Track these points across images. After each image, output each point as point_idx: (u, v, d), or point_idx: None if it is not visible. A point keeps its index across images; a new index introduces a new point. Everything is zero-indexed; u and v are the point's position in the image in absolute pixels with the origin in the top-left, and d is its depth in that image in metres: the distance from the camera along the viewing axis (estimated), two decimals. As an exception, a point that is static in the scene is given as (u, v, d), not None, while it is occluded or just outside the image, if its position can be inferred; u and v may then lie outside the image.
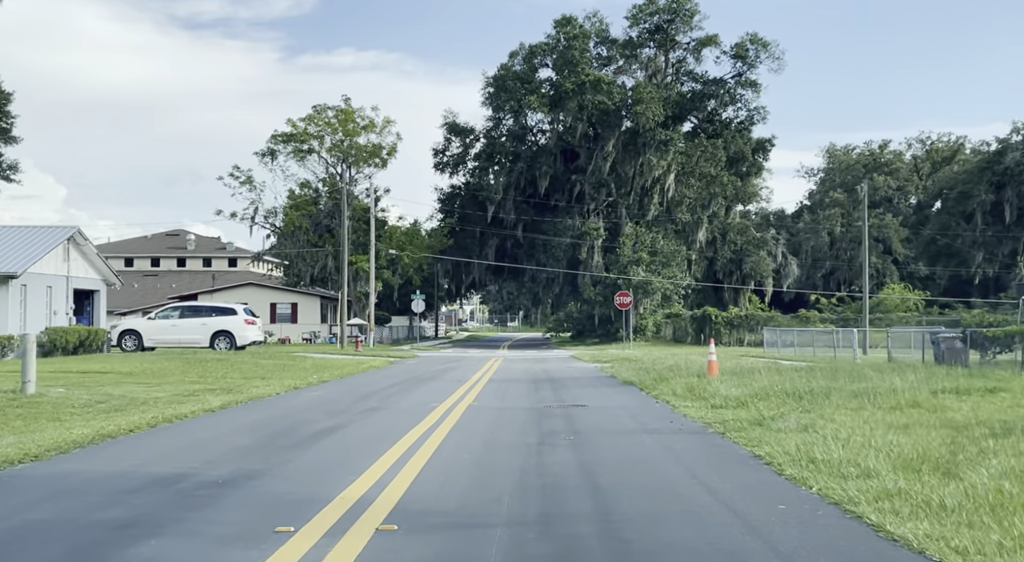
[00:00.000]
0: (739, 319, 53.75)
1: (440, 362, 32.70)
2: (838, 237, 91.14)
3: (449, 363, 31.64)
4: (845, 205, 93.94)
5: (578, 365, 29.80)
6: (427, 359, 35.88)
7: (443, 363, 31.69)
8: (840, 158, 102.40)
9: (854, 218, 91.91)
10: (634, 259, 53.96)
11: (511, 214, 56.39)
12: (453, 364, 30.81)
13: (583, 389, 17.65)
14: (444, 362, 32.71)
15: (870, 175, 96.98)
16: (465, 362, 32.80)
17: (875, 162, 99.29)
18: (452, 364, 30.84)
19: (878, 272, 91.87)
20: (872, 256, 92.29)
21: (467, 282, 61.06)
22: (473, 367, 28.21)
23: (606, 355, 36.10)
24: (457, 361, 33.72)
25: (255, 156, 54.46)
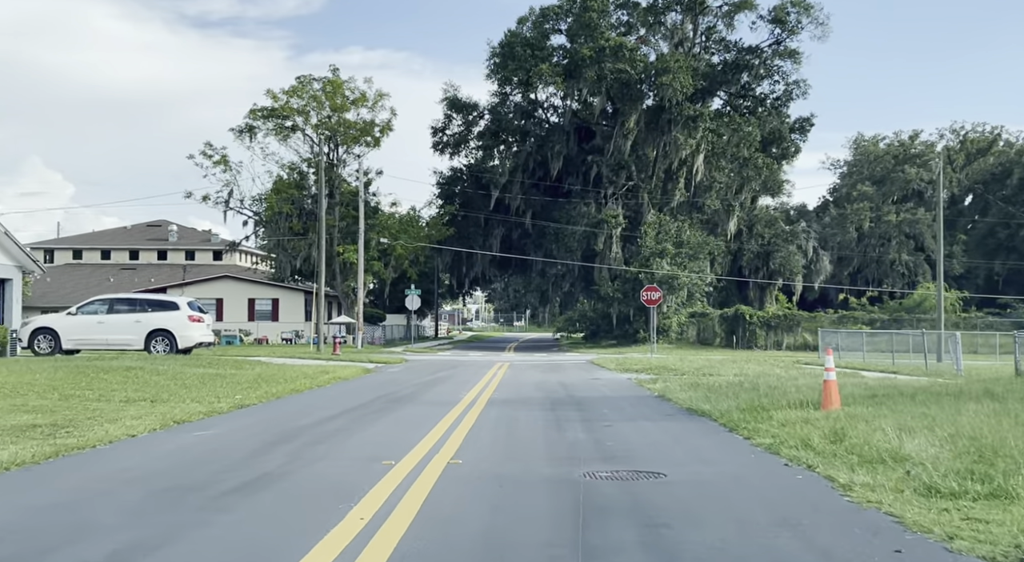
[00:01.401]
0: (776, 319, 47.43)
1: (431, 369, 26.51)
2: (866, 233, 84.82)
3: (441, 371, 25.44)
4: (874, 198, 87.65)
5: (604, 375, 23.56)
6: (416, 365, 29.68)
7: (434, 371, 25.49)
8: (868, 149, 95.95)
9: (883, 212, 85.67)
10: (657, 251, 47.69)
11: (518, 200, 50.20)
12: (446, 373, 24.61)
13: (632, 424, 11.39)
14: (436, 369, 26.51)
15: (900, 167, 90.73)
16: (461, 370, 26.60)
17: (905, 153, 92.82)
18: (445, 373, 24.64)
19: (909, 270, 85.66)
20: (903, 253, 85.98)
21: (469, 276, 54.93)
22: (470, 378, 22.02)
23: (632, 361, 29.84)
24: (452, 368, 27.51)
25: (231, 133, 48.36)
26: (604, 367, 27.74)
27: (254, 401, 13.79)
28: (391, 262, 49.65)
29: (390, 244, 47.91)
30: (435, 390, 17.84)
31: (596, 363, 30.74)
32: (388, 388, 18.17)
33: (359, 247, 45.59)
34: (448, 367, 28.34)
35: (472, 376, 22.78)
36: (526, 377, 22.78)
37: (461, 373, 24.53)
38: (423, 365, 29.76)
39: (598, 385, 19.46)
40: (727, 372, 23.40)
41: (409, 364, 30.32)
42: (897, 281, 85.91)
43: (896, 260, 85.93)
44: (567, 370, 26.84)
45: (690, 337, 52.54)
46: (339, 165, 49.63)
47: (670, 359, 31.83)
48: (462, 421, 11.47)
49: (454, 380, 21.18)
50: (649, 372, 23.94)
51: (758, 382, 16.21)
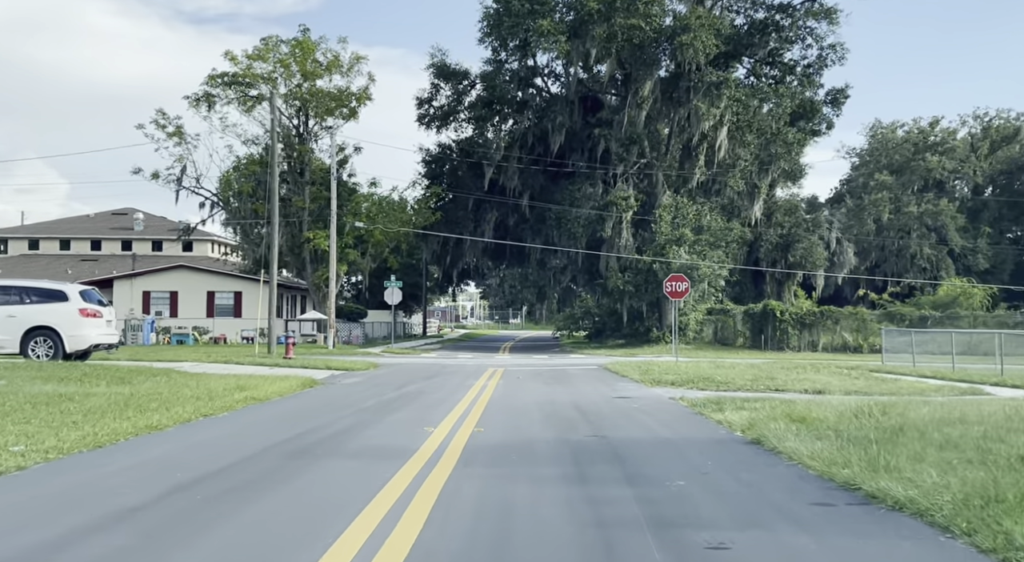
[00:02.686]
0: (811, 316, 41.31)
1: (402, 379, 20.34)
2: (886, 225, 78.84)
3: (414, 383, 19.27)
4: (893, 188, 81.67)
5: (632, 390, 17.36)
6: (387, 372, 23.50)
7: (404, 382, 19.30)
8: (887, 136, 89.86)
9: (903, 203, 79.74)
10: (674, 238, 41.55)
11: (515, 180, 44.00)
12: (419, 386, 18.43)
13: (771, 544, 5.12)
14: (408, 379, 20.34)
15: (921, 155, 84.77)
16: (442, 380, 20.45)
17: (924, 141, 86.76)
18: (417, 385, 18.47)
19: (932, 264, 79.77)
20: (925, 246, 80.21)
21: (458, 267, 48.77)
22: (448, 395, 15.86)
23: (657, 368, 23.69)
24: (430, 377, 21.33)
25: (185, 101, 42.04)
26: (625, 376, 21.55)
27: (31, 461, 7.55)
28: (369, 250, 43.41)
29: (367, 229, 41.66)
30: (387, 422, 11.66)
31: (612, 370, 24.55)
32: (315, 420, 11.96)
33: (331, 232, 39.33)
34: (426, 375, 22.16)
35: (452, 392, 16.61)
36: (525, 394, 16.61)
37: (439, 386, 18.36)
38: (395, 372, 23.56)
39: (633, 411, 13.27)
40: (798, 386, 17.24)
41: (378, 371, 24.12)
42: (919, 276, 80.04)
43: (917, 254, 79.88)
44: (578, 381, 20.66)
45: (706, 337, 46.44)
46: (310, 139, 43.38)
47: (703, 365, 25.65)
48: (393, 533, 5.26)
49: (424, 400, 15.00)
50: (690, 386, 17.78)
51: (903, 416, 9.99)
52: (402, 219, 44.72)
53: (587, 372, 24.73)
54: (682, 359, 32.08)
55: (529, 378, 21.74)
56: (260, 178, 42.93)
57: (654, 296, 42.59)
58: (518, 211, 45.63)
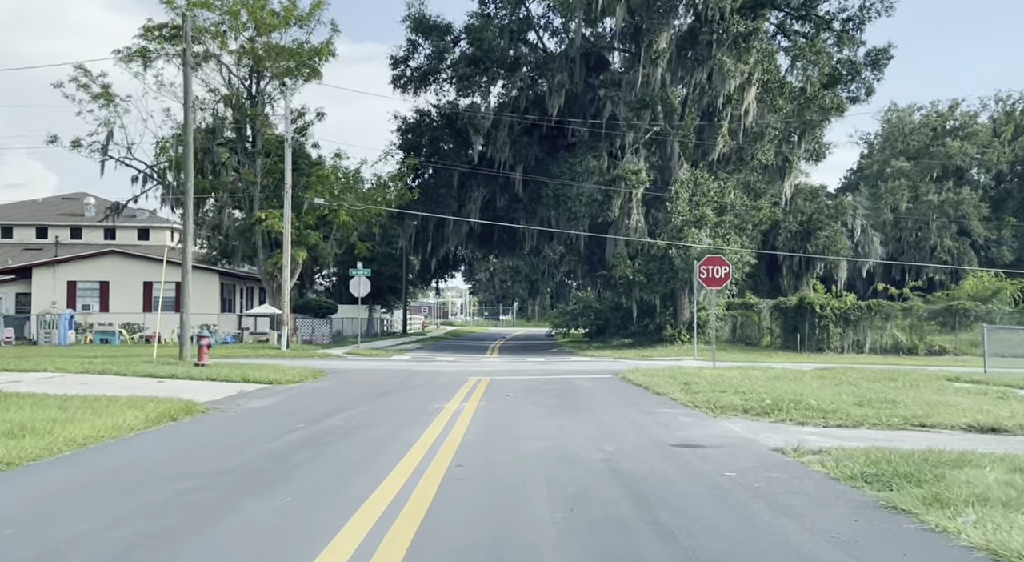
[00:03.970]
0: (857, 311, 34.93)
1: (339, 402, 13.82)
2: (903, 214, 72.71)
3: (352, 409, 12.78)
4: (911, 176, 75.50)
5: (694, 426, 10.74)
6: (327, 388, 16.98)
7: (337, 409, 12.80)
8: (903, 119, 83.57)
9: (921, 191, 73.62)
10: (693, 219, 35.12)
11: (505, 152, 37.44)
12: (353, 416, 11.93)
13: None
14: (348, 402, 13.82)
15: (940, 141, 78.61)
16: (398, 400, 14.01)
17: (943, 126, 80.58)
18: (353, 415, 11.98)
19: (952, 257, 73.64)
20: (945, 237, 74.23)
21: (440, 254, 42.20)
22: (395, 433, 9.43)
23: (703, 381, 17.25)
24: (384, 396, 14.83)
25: (114, 56, 35.30)
26: (661, 394, 15.08)
27: None
28: (334, 233, 36.79)
29: (330, 207, 35.02)
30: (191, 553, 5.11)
31: (633, 381, 18.05)
32: (88, 520, 5.37)
33: (285, 210, 32.75)
34: (380, 392, 15.66)
35: (400, 429, 10.12)
36: (520, 433, 10.11)
37: (387, 415, 11.89)
38: (339, 387, 17.06)
39: (733, 489, 6.76)
40: (946, 416, 10.80)
41: (317, 385, 17.62)
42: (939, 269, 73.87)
43: (937, 245, 73.65)
44: (596, 402, 14.16)
45: (723, 334, 40.07)
46: (263, 102, 36.73)
47: (754, 375, 19.18)
48: None
49: (341, 453, 8.51)
50: (779, 416, 11.32)
51: None
52: (373, 197, 38.14)
53: (601, 384, 18.25)
54: (707, 362, 25.63)
55: (524, 395, 15.27)
56: (206, 146, 36.29)
57: (669, 287, 36.17)
58: (509, 189, 39.12)
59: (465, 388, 16.98)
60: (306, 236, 35.01)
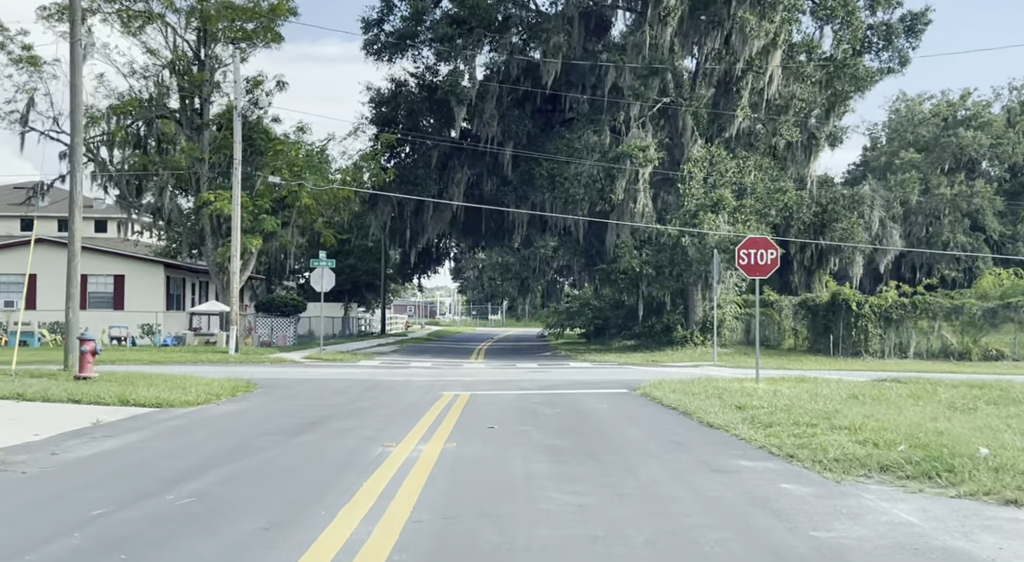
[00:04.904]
0: (900, 309, 30.27)
1: (223, 444, 8.99)
2: (913, 209, 68.31)
3: (241, 460, 7.92)
4: (921, 168, 71.19)
5: (834, 518, 5.96)
6: (234, 414, 12.19)
7: (194, 467, 7.91)
8: (913, 109, 79.20)
9: (933, 184, 69.30)
10: (709, 202, 30.43)
11: (493, 127, 32.61)
12: (218, 479, 7.03)
13: None
14: (236, 445, 8.97)
15: (952, 131, 74.34)
16: (324, 439, 9.22)
17: (954, 115, 76.31)
18: (224, 475, 7.09)
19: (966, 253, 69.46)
20: (958, 232, 69.98)
21: (420, 245, 37.25)
22: (263, 538, 4.52)
23: (766, 404, 12.50)
24: (314, 428, 10.00)
25: (38, 13, 30.23)
26: (722, 429, 10.31)
27: None
28: (295, 219, 31.86)
29: (289, 188, 30.07)
30: None
31: (661, 400, 13.24)
32: None
33: (234, 190, 27.87)
34: (308, 423, 10.82)
35: (292, 516, 5.23)
36: (515, 535, 5.26)
37: (293, 469, 7.09)
38: (263, 410, 12.29)
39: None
40: None
41: (237, 405, 12.91)
42: (951, 265, 69.57)
43: (950, 241, 69.30)
44: (631, 448, 9.33)
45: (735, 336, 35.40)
46: (214, 68, 31.74)
47: (827, 394, 14.47)
48: None
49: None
50: (952, 482, 6.55)
51: None
52: (342, 179, 33.23)
53: (619, 405, 13.47)
54: (737, 371, 20.95)
55: (514, 427, 10.46)
56: (148, 117, 31.36)
57: (681, 282, 31.43)
58: (497, 171, 34.27)
59: (433, 411, 12.21)
60: (261, 221, 30.11)
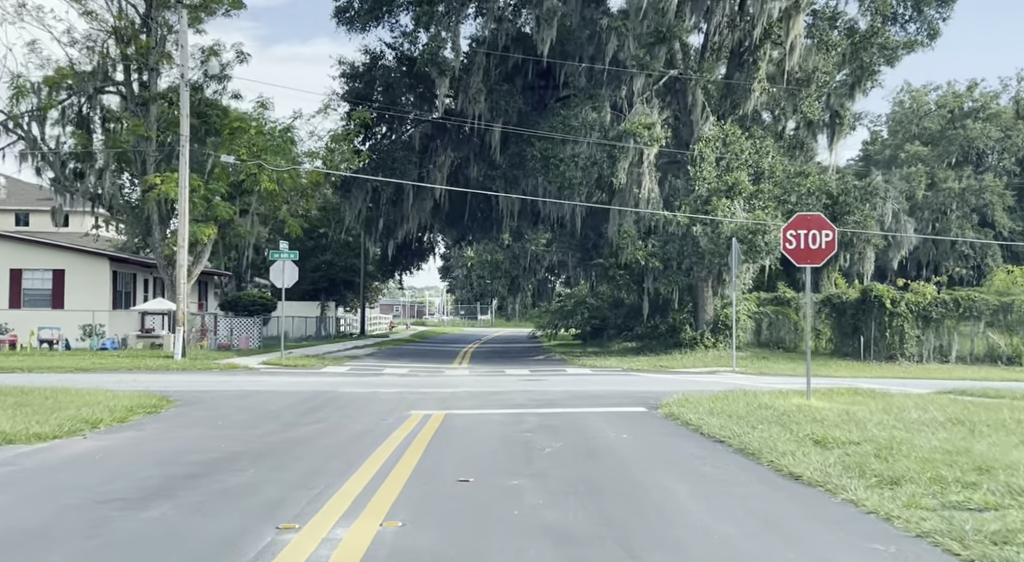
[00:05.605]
0: (940, 308, 26.83)
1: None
2: (920, 204, 65.14)
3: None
4: (928, 161, 68.14)
5: None
6: (88, 458, 8.45)
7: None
8: (918, 100, 76.12)
9: (940, 178, 66.19)
10: (723, 186, 26.94)
11: (480, 103, 29.00)
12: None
13: None
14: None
15: (960, 123, 71.33)
16: (193, 506, 5.42)
17: (961, 107, 73.30)
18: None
19: (975, 250, 66.46)
20: (966, 229, 66.94)
21: (398, 237, 33.56)
22: None
23: (853, 435, 8.91)
24: (153, 502, 6.23)
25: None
26: (817, 485, 6.73)
27: None
28: (255, 206, 28.14)
29: (247, 169, 26.34)
30: None
31: (712, 434, 9.65)
32: None
33: (181, 170, 24.19)
34: (189, 476, 7.14)
35: None
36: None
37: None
38: (141, 449, 8.59)
39: None
40: None
41: (114, 438, 9.28)
42: (959, 263, 66.54)
43: (958, 237, 66.27)
44: (689, 534, 5.71)
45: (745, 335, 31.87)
46: (163, 36, 28.00)
47: (925, 420, 10.95)
48: None
49: None
50: None
51: None
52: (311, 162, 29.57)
53: (641, 434, 9.87)
54: (765, 380, 17.34)
55: (500, 475, 6.85)
56: (85, 89, 27.61)
57: (692, 276, 27.87)
58: (484, 154, 30.64)
59: (387, 446, 8.64)
60: (215, 207, 26.39)
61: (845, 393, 14.45)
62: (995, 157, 71.90)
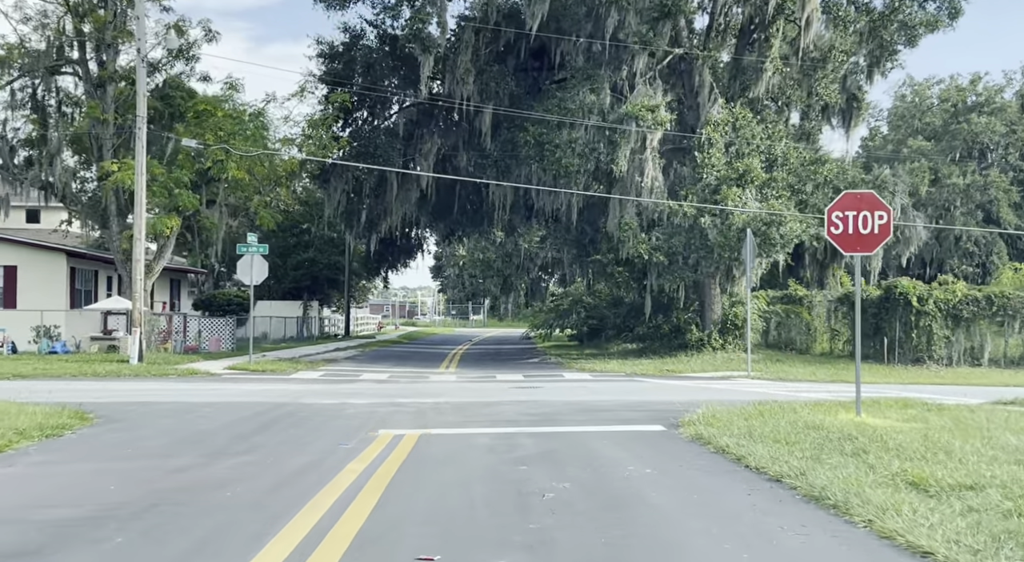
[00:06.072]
0: (972, 306, 24.64)
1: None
2: (923, 200, 63.09)
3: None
4: (932, 156, 66.13)
5: None
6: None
7: None
8: (921, 94, 74.14)
9: (944, 174, 64.13)
10: (733, 174, 24.68)
11: (468, 85, 26.72)
12: None
13: None
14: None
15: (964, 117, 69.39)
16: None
17: (964, 101, 71.32)
18: None
19: (980, 247, 64.50)
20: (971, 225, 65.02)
21: (382, 231, 31.18)
22: None
23: (958, 477, 6.56)
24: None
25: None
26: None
27: None
28: (223, 196, 25.78)
29: (212, 154, 23.96)
30: None
31: (765, 469, 7.37)
32: None
33: (137, 155, 21.86)
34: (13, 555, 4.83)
35: None
36: None
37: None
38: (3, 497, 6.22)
39: None
40: None
41: None
42: (964, 261, 64.44)
43: (963, 235, 64.24)
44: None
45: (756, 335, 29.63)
46: (122, 11, 25.61)
47: (1007, 439, 8.64)
48: None
49: None
50: None
51: None
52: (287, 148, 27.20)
53: (674, 471, 7.56)
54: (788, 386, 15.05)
55: (480, 550, 4.56)
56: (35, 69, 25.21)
57: (700, 272, 25.58)
58: (474, 141, 28.34)
59: (331, 491, 6.34)
60: (178, 197, 24.01)
61: (895, 405, 12.21)
62: (1000, 152, 70.03)
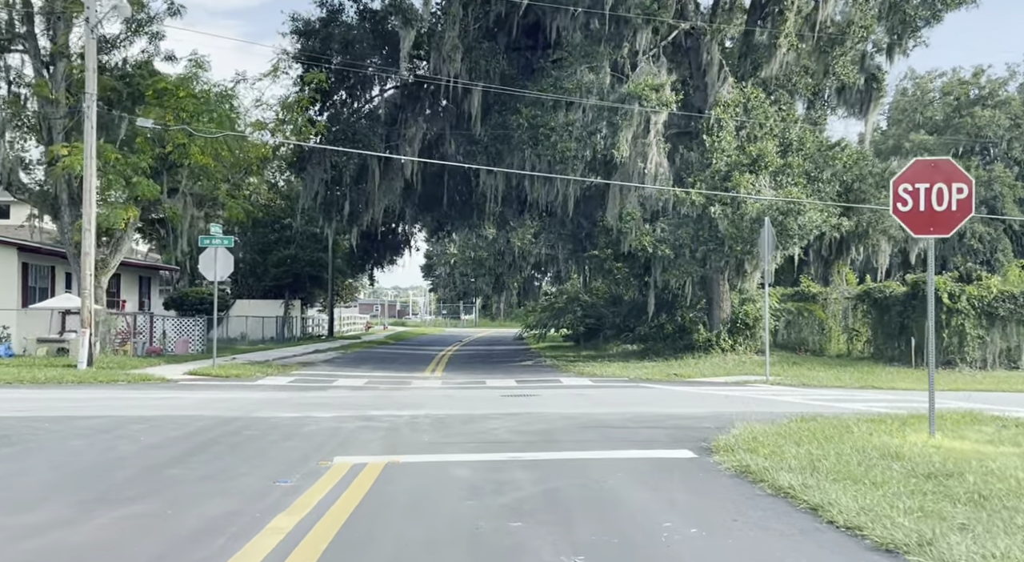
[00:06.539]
0: (1009, 304, 22.60)
1: None
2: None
3: None
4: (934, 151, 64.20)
5: None
6: None
7: None
8: (923, 87, 72.33)
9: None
10: (746, 159, 22.56)
11: (456, 63, 24.54)
12: None
13: None
14: None
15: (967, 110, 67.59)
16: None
17: (967, 95, 69.52)
18: None
19: (984, 244, 62.56)
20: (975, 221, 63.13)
21: (363, 223, 28.84)
22: None
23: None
24: None
25: None
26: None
27: None
28: (187, 183, 23.51)
29: (172, 136, 21.72)
30: None
31: (858, 527, 5.23)
32: None
33: (86, 137, 19.63)
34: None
35: None
36: None
37: None
38: None
39: None
40: None
41: None
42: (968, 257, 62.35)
43: (967, 231, 62.32)
44: None
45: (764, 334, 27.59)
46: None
47: None
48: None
49: None
50: None
51: None
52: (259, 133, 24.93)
53: (732, 533, 5.41)
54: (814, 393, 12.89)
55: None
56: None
57: (709, 266, 23.45)
58: (462, 125, 26.14)
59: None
60: (136, 185, 21.75)
61: (964, 421, 10.10)
62: (1004, 146, 68.23)
